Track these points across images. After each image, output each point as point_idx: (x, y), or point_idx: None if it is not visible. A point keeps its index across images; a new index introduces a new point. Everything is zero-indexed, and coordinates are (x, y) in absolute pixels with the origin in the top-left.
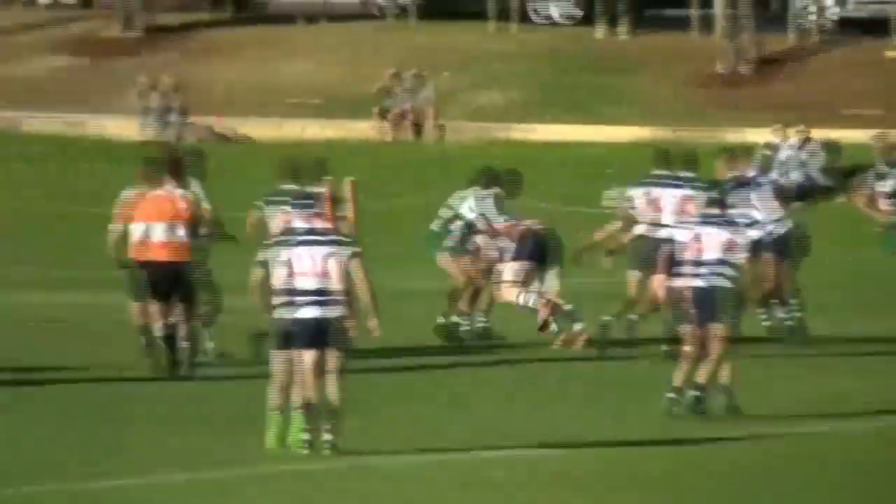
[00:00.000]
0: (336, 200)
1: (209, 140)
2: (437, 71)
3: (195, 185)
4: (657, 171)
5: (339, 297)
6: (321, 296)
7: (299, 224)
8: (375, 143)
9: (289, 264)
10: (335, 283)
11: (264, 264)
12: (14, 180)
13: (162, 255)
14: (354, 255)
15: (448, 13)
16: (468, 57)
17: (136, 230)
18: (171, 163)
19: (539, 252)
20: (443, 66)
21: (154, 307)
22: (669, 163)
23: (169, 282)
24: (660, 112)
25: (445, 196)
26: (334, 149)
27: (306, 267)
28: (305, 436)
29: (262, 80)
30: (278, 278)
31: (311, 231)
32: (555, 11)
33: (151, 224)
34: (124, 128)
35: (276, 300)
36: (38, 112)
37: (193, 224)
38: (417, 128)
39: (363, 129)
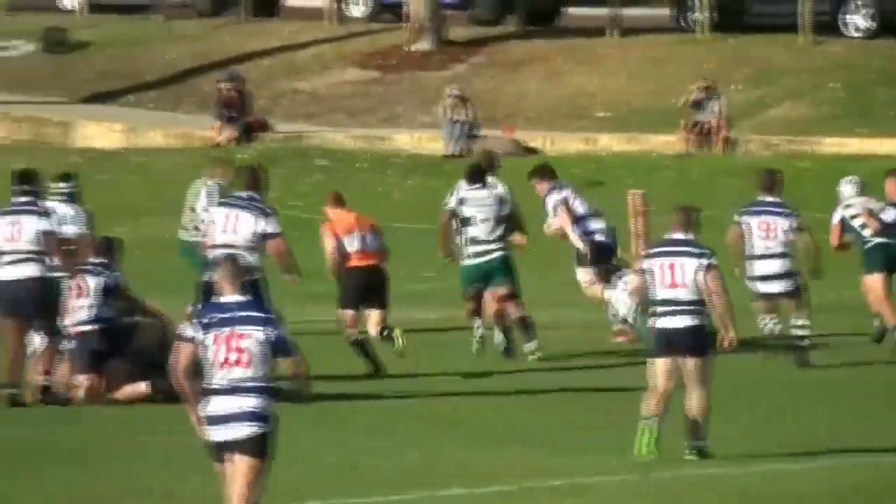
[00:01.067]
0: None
1: (516, 153)
2: (729, 84)
3: None
4: None
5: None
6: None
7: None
8: (672, 157)
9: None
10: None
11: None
12: (307, 193)
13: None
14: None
15: (743, 26)
16: (762, 70)
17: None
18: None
19: None
20: (736, 79)
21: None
22: None
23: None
24: None
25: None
26: (635, 162)
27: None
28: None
29: (559, 93)
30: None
31: (674, 242)
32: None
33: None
34: (416, 141)
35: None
36: (330, 126)
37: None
38: (706, 139)
39: (664, 142)
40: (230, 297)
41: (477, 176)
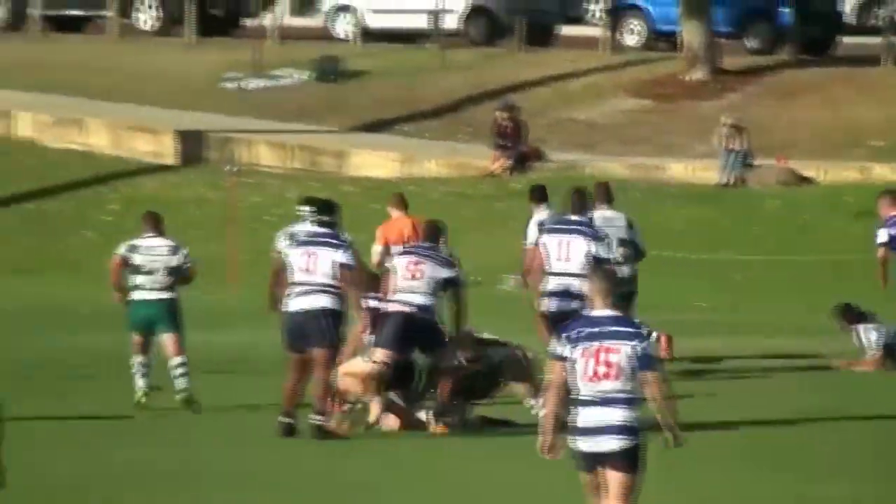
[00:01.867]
0: None
1: (791, 182)
2: None
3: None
4: None
5: None
6: None
7: None
8: None
9: None
10: None
11: None
12: None
13: None
14: None
15: None
16: None
17: None
18: None
19: None
20: None
21: None
22: None
23: None
24: None
25: None
26: None
27: None
28: None
29: (833, 121)
30: None
31: None
32: None
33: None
34: (690, 171)
35: None
36: (605, 154)
37: None
38: None
39: None
40: (601, 311)
41: (539, 194)
